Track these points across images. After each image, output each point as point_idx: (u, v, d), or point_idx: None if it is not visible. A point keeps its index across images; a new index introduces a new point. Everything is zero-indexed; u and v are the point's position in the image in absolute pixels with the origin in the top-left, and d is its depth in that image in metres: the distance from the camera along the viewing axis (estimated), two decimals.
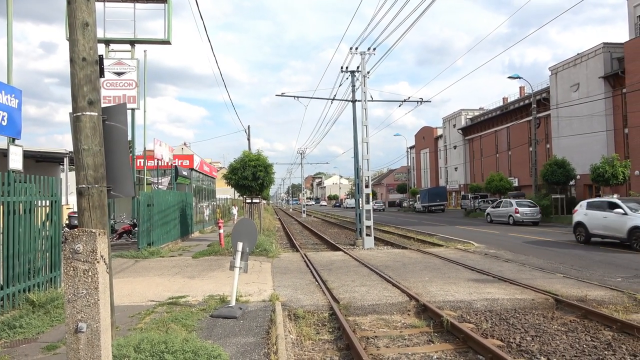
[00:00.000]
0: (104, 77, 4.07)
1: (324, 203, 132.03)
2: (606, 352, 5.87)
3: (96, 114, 3.98)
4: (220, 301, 8.09)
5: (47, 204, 8.50)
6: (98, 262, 3.77)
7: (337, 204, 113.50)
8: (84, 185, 3.94)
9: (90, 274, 3.74)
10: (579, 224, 17.89)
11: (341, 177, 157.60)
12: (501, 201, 32.44)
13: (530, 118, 39.32)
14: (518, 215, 28.57)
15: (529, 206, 29.23)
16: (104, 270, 3.87)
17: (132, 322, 6.90)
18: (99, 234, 3.80)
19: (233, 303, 7.52)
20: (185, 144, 74.75)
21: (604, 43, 37.16)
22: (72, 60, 3.93)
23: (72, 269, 3.74)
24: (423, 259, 14.03)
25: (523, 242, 18.90)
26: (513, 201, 30.22)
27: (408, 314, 7.96)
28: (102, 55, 4.07)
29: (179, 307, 7.81)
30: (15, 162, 7.59)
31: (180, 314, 7.18)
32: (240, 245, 7.65)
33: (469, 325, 7.13)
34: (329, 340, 6.59)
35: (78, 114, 3.93)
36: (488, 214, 32.91)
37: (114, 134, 4.16)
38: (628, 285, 9.59)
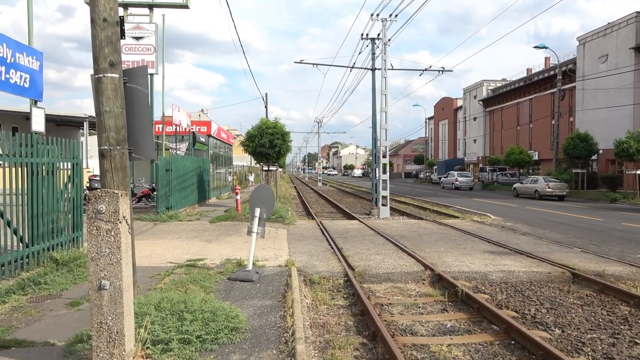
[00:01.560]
0: (124, 38, 4.04)
1: (334, 172, 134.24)
2: (622, 327, 5.85)
3: (117, 75, 3.97)
4: (237, 265, 8.23)
5: (69, 166, 8.63)
6: (120, 222, 3.84)
7: (346, 174, 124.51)
8: (106, 147, 3.97)
9: (113, 233, 3.82)
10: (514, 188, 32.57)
11: (357, 147, 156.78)
12: (528, 178, 34.35)
13: (555, 90, 38.29)
14: (549, 190, 29.21)
15: (555, 181, 30.27)
16: (126, 230, 3.94)
17: (151, 282, 7.08)
18: (121, 195, 3.86)
19: (250, 267, 7.64)
20: (202, 110, 74.89)
21: (637, 12, 35.56)
22: (92, 21, 3.90)
23: (95, 228, 3.82)
24: (439, 230, 14.02)
25: (540, 216, 18.73)
26: (540, 177, 31.72)
27: (423, 283, 8.01)
28: (122, 17, 4.03)
29: (197, 269, 7.98)
30: (38, 124, 7.69)
31: (198, 275, 7.34)
32: (257, 211, 7.71)
33: (483, 296, 7.15)
34: (344, 305, 6.69)
35: (99, 75, 3.92)
36: (515, 188, 33.67)
37: (135, 96, 4.16)
38: None
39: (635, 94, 35.40)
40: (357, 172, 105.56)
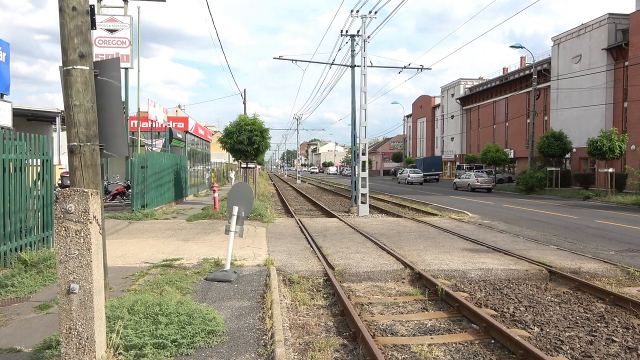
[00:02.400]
0: (95, 29, 3.84)
1: (316, 170, 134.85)
2: (599, 324, 5.90)
3: (88, 68, 3.78)
4: (215, 264, 8.06)
5: (39, 163, 8.31)
6: (90, 222, 3.65)
7: (321, 170, 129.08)
8: (75, 143, 3.78)
9: (82, 234, 3.62)
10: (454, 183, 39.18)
11: (336, 144, 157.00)
12: (464, 173, 42.59)
13: (530, 89, 38.94)
14: (477, 183, 35.82)
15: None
16: (97, 231, 3.76)
17: (125, 283, 6.86)
18: (92, 194, 3.67)
19: (228, 267, 7.48)
20: (179, 106, 73.84)
21: (609, 14, 36.44)
22: (61, 10, 3.69)
23: (63, 229, 3.62)
24: (418, 228, 14.06)
25: (516, 214, 19.00)
26: (472, 173, 39.03)
27: (402, 282, 7.98)
28: (93, 5, 3.83)
29: (173, 269, 7.78)
30: (4, 118, 7.35)
31: (174, 276, 7.14)
32: (235, 209, 7.56)
33: (463, 294, 7.15)
34: (324, 305, 6.60)
35: (69, 67, 3.72)
36: (454, 182, 40.48)
37: (107, 90, 3.97)
38: (621, 258, 9.66)
39: (608, 93, 36.28)
40: (332, 169, 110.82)
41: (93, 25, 3.85)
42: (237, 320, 5.25)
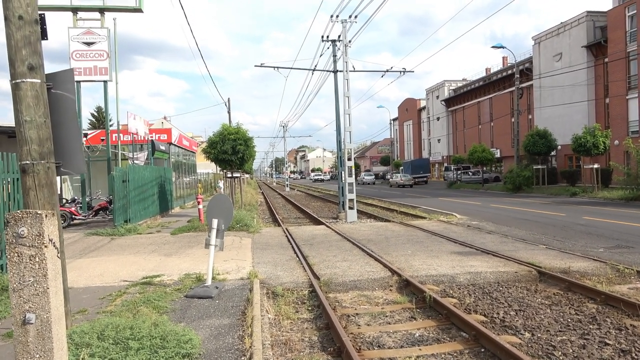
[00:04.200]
0: (46, 38, 3.61)
1: (297, 176, 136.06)
2: (591, 326, 5.74)
3: (39, 80, 3.53)
4: (197, 280, 7.79)
5: (9, 180, 8.00)
6: (46, 246, 3.39)
7: (303, 177, 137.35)
8: (27, 162, 3.53)
9: (37, 259, 3.36)
10: (388, 180, 58.30)
11: (324, 150, 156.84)
12: (393, 173, 60.35)
13: (513, 89, 39.19)
14: (401, 181, 51.24)
15: (406, 176, 53.05)
16: (54, 255, 3.49)
17: (101, 304, 6.57)
18: (46, 216, 3.41)
19: (209, 282, 7.22)
20: (165, 117, 73.19)
21: (588, 11, 36.87)
22: (6, 19, 3.45)
23: (16, 254, 3.35)
24: (406, 232, 13.89)
25: (504, 213, 18.94)
26: (399, 174, 54.96)
27: (390, 290, 7.78)
28: (43, 14, 3.59)
29: (152, 287, 7.50)
30: None
31: (153, 294, 6.86)
32: (215, 222, 7.31)
33: (451, 300, 6.96)
34: (308, 319, 6.36)
35: (17, 80, 3.48)
36: (388, 180, 55.41)
37: (62, 103, 3.72)
38: (610, 255, 9.55)
39: (589, 90, 36.64)
40: (312, 175, 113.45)
41: (44, 35, 3.62)
42: (215, 341, 4.99)
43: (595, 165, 27.89)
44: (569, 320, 6.02)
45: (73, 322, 5.79)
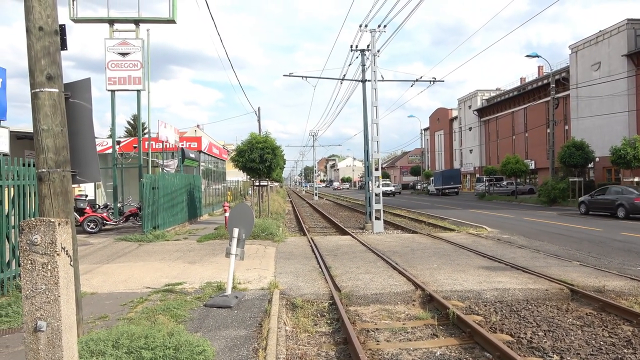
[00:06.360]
0: (66, 49, 3.65)
1: (346, 185, 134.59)
2: (625, 350, 5.40)
3: (57, 90, 3.58)
4: (217, 289, 7.78)
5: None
6: (58, 254, 3.42)
7: (328, 185, 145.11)
8: (44, 170, 3.57)
9: (49, 267, 3.38)
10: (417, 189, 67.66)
11: (354, 159, 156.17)
12: (384, 183, 55.73)
13: (549, 98, 38.14)
14: (387, 190, 52.39)
15: (389, 186, 57.02)
16: (66, 263, 3.51)
17: (122, 310, 6.63)
18: (59, 224, 3.43)
19: (229, 291, 7.20)
20: (198, 125, 74.74)
21: (628, 19, 35.61)
22: (28, 30, 3.52)
23: (29, 262, 3.39)
24: (433, 244, 13.58)
25: (537, 227, 18.30)
26: (391, 183, 61.05)
27: (413, 304, 7.56)
28: (63, 25, 3.65)
29: (174, 294, 7.53)
30: (2, 144, 7.28)
31: (173, 302, 6.89)
32: (236, 231, 7.29)
33: (476, 317, 6.71)
34: (327, 332, 6.23)
35: (36, 90, 3.54)
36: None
37: (79, 113, 3.77)
38: None
39: (630, 100, 35.26)
40: (335, 184, 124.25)
41: (64, 45, 3.67)
42: (229, 352, 4.93)
43: (636, 179, 26.72)
44: (602, 343, 5.68)
45: (93, 328, 5.86)
